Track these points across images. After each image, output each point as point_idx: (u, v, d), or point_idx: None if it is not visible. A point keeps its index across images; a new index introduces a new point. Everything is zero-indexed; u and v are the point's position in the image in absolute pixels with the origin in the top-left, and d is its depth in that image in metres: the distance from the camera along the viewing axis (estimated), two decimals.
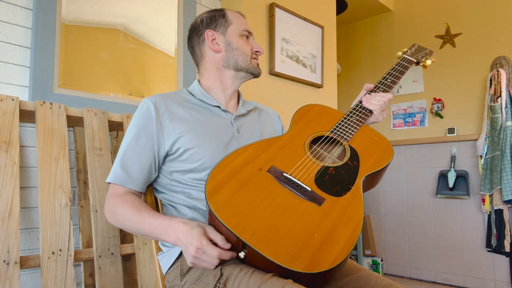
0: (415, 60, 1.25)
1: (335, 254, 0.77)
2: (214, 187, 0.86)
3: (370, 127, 1.12)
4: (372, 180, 1.02)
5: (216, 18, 1.11)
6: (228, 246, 0.82)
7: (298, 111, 1.15)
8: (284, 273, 0.76)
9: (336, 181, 0.93)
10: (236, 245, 0.82)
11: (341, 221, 0.84)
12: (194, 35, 1.14)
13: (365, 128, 1.11)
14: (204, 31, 1.11)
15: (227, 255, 0.82)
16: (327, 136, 1.06)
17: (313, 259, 0.76)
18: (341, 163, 0.98)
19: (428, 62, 1.27)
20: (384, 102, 1.12)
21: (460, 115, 3.15)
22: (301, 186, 0.90)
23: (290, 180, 0.91)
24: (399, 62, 1.25)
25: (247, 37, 1.13)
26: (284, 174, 0.92)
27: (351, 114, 1.13)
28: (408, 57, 1.26)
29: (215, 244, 0.83)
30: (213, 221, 0.85)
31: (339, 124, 1.10)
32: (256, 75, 1.14)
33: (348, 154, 1.01)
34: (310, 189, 0.89)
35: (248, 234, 0.78)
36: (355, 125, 1.09)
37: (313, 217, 0.84)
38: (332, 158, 1.02)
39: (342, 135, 1.06)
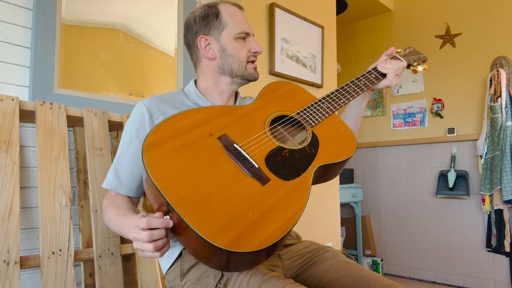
0: (406, 62, 1.18)
1: (263, 237, 0.71)
2: (154, 142, 0.80)
3: (339, 118, 1.05)
4: (326, 172, 0.95)
5: (209, 19, 1.05)
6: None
7: (269, 85, 1.07)
8: (206, 248, 0.71)
9: (287, 164, 0.87)
10: (164, 208, 0.77)
11: (281, 205, 0.78)
12: (188, 34, 1.10)
13: (334, 117, 1.04)
14: (198, 36, 1.06)
15: (156, 221, 0.74)
16: (292, 117, 0.99)
17: (239, 237, 0.70)
18: (299, 147, 0.92)
19: (420, 68, 1.20)
20: (398, 67, 1.13)
21: (460, 115, 3.15)
22: (248, 160, 0.84)
23: (239, 152, 0.84)
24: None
25: (244, 37, 1.07)
26: (235, 144, 0.85)
27: (328, 97, 1.06)
28: (398, 56, 1.20)
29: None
30: (145, 180, 0.80)
31: (309, 107, 1.03)
32: (252, 81, 1.09)
33: (308, 140, 0.95)
34: (257, 166, 0.84)
35: (176, 199, 0.73)
36: (324, 112, 1.02)
37: (253, 195, 0.78)
38: (291, 140, 0.97)
39: (308, 119, 1.00)
